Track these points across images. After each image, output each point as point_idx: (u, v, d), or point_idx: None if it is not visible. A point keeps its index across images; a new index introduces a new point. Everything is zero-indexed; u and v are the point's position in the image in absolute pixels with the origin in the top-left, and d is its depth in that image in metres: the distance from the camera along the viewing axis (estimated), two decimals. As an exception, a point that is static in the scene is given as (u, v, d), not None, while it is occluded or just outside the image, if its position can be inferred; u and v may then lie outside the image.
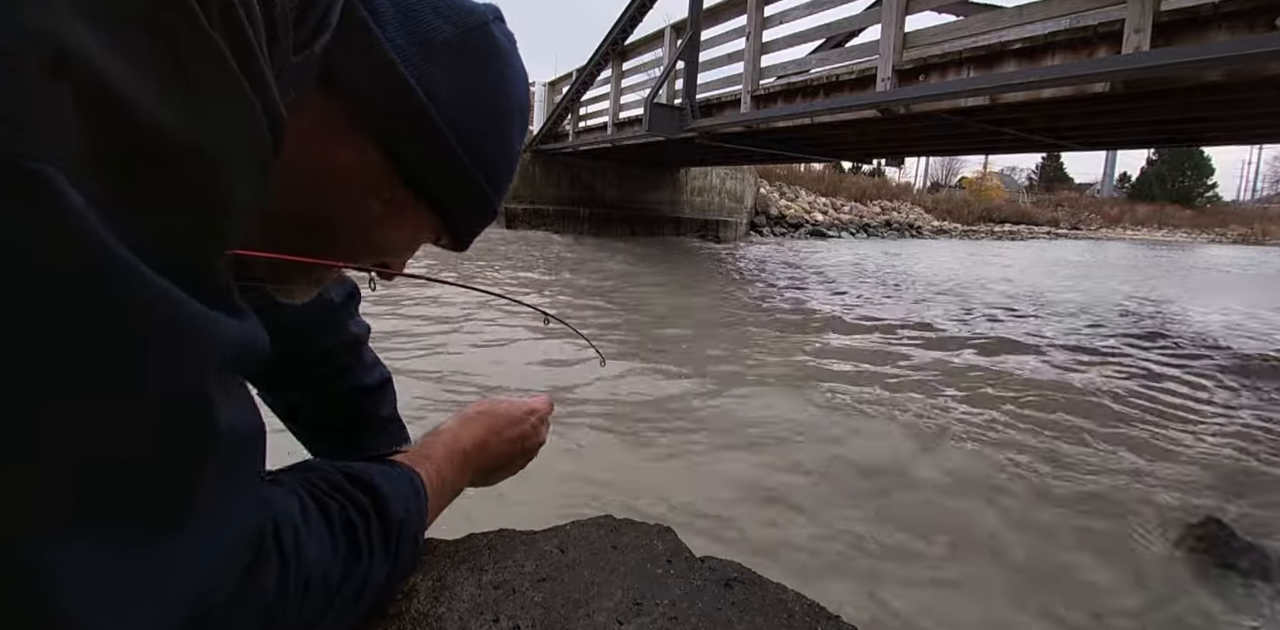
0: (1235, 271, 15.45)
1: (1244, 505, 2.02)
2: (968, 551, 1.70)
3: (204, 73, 0.23)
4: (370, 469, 0.47)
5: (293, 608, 0.35)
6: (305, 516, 0.38)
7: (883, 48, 4.54)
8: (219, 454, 0.27)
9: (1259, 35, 2.89)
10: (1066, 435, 2.61)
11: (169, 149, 0.22)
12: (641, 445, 2.28)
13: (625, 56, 8.71)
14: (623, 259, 8.80)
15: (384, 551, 0.44)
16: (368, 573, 0.42)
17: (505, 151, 0.47)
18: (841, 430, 2.51)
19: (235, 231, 0.27)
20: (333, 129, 0.39)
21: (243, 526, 0.30)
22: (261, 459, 0.33)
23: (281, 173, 0.33)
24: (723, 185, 14.65)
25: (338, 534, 0.40)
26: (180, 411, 0.25)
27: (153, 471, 0.24)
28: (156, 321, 0.23)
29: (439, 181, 0.44)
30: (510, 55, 0.46)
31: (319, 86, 0.37)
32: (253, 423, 0.30)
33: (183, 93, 0.23)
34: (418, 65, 0.40)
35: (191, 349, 0.24)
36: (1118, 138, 6.24)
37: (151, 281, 0.22)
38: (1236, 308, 7.57)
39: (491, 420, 0.61)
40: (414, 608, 0.49)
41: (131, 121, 0.21)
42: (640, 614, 0.50)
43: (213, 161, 0.24)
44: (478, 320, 4.13)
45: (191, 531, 0.26)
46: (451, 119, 0.42)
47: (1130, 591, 1.57)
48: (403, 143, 0.41)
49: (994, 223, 31.78)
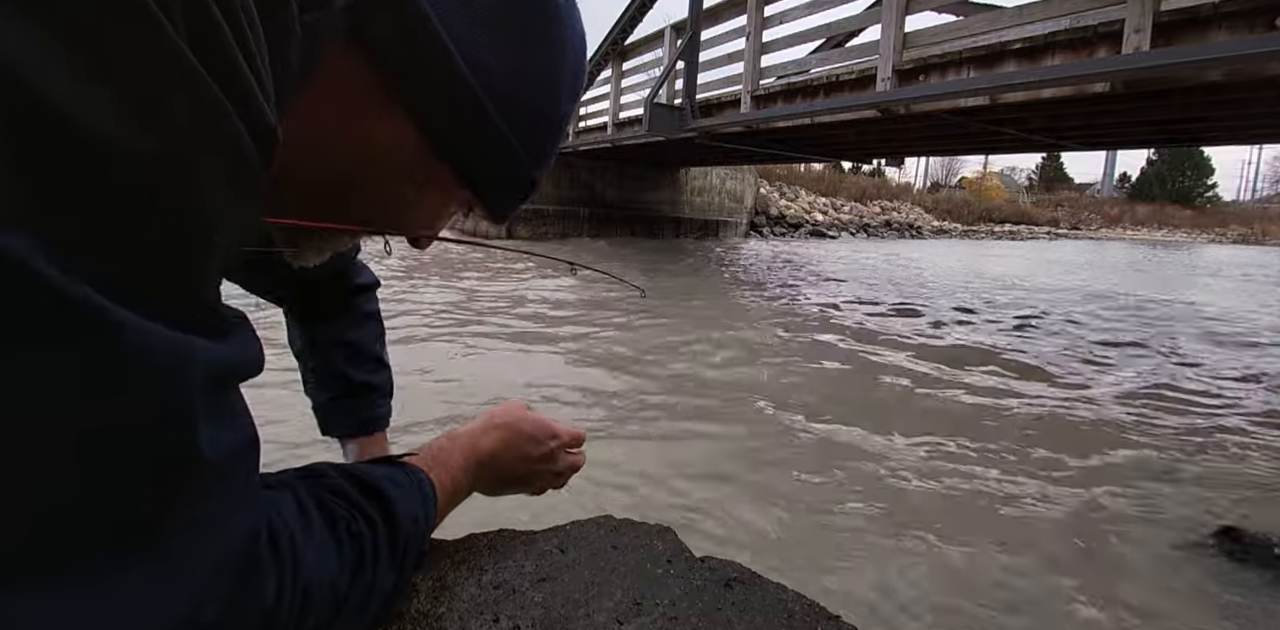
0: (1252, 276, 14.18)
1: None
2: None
3: (163, 84, 0.21)
4: (379, 474, 0.46)
5: (292, 615, 0.34)
6: (307, 523, 0.38)
7: (883, 48, 4.55)
8: (202, 477, 0.26)
9: (1259, 35, 2.89)
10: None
11: (122, 171, 0.20)
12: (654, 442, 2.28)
13: (625, 56, 8.72)
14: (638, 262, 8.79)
15: (391, 560, 0.43)
16: (374, 582, 0.41)
17: (552, 124, 0.42)
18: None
19: (212, 249, 0.24)
20: (362, 96, 0.35)
21: (231, 543, 0.29)
22: (255, 468, 0.31)
23: (306, 143, 0.32)
24: (723, 185, 14.66)
25: (343, 542, 0.39)
26: (158, 443, 0.23)
27: (126, 503, 0.23)
28: (126, 357, 0.21)
29: (475, 157, 0.40)
30: (567, 14, 0.41)
31: (349, 47, 0.33)
32: (245, 436, 0.29)
33: (138, 109, 0.20)
34: (456, 22, 0.35)
35: (166, 379, 0.23)
36: (1118, 138, 6.25)
37: (112, 315, 0.20)
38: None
39: (511, 435, 0.59)
40: (414, 608, 0.49)
41: (76, 143, 0.19)
42: (640, 614, 0.50)
43: (176, 180, 0.22)
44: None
45: (170, 559, 0.25)
46: (493, 87, 0.37)
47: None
48: (436, 111, 0.36)
49: (994, 223, 31.80)
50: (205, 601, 0.27)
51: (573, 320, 4.46)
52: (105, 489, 0.22)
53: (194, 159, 0.22)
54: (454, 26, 0.35)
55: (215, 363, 0.25)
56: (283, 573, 0.34)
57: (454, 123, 0.37)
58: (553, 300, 5.16)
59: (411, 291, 5.11)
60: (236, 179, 0.24)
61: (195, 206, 0.23)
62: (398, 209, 0.41)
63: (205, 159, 0.23)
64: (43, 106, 0.18)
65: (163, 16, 0.20)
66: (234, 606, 0.29)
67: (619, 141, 8.95)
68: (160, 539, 0.25)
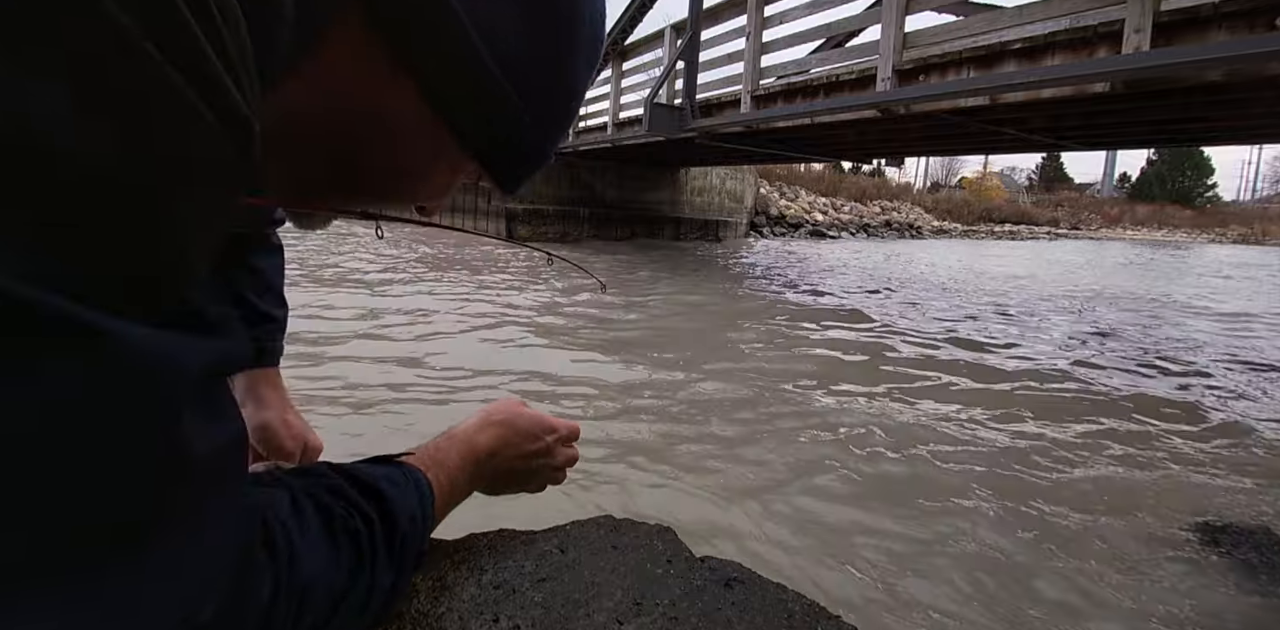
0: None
1: None
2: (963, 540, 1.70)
3: (118, 78, 0.19)
4: (377, 473, 0.46)
5: (289, 614, 0.34)
6: (303, 522, 0.37)
7: (883, 48, 4.55)
8: (192, 475, 0.25)
9: (1259, 35, 2.89)
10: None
11: (83, 178, 0.19)
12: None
13: (625, 56, 8.73)
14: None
15: (389, 559, 0.43)
16: (372, 581, 0.41)
17: (566, 92, 0.40)
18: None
19: (189, 249, 0.23)
20: (366, 62, 0.33)
21: (226, 541, 0.29)
22: (244, 463, 0.31)
23: (311, 109, 0.32)
24: (723, 185, 14.66)
25: (340, 540, 0.39)
26: (146, 442, 0.23)
27: (117, 504, 0.23)
28: (108, 359, 0.21)
29: (481, 126, 0.37)
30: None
31: (350, 11, 0.32)
32: (232, 430, 0.28)
33: (94, 113, 0.19)
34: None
35: (150, 379, 0.22)
36: (1118, 138, 6.24)
37: (86, 318, 0.20)
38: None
39: (508, 433, 0.59)
40: (414, 608, 0.49)
41: (28, 153, 0.18)
42: (640, 614, 0.50)
43: (140, 186, 0.21)
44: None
45: (164, 559, 0.25)
46: (503, 53, 0.35)
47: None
48: (442, 77, 0.35)
49: (994, 223, 31.81)
50: (202, 601, 0.27)
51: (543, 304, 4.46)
52: (94, 491, 0.22)
53: (162, 159, 0.21)
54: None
55: (200, 359, 0.25)
56: (279, 571, 0.33)
57: (460, 90, 0.35)
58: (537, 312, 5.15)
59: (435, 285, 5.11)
60: (209, 177, 0.23)
61: (165, 209, 0.22)
62: (404, 178, 0.40)
63: (174, 159, 0.21)
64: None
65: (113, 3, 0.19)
66: (231, 606, 0.29)
67: (619, 141, 8.95)
68: (154, 539, 0.24)
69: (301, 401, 1.64)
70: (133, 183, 0.20)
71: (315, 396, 2.50)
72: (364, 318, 4.02)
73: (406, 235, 8.94)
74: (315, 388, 2.60)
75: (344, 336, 3.49)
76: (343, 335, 3.52)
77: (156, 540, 0.24)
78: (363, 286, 5.18)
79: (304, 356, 3.01)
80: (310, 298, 4.43)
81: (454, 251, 7.91)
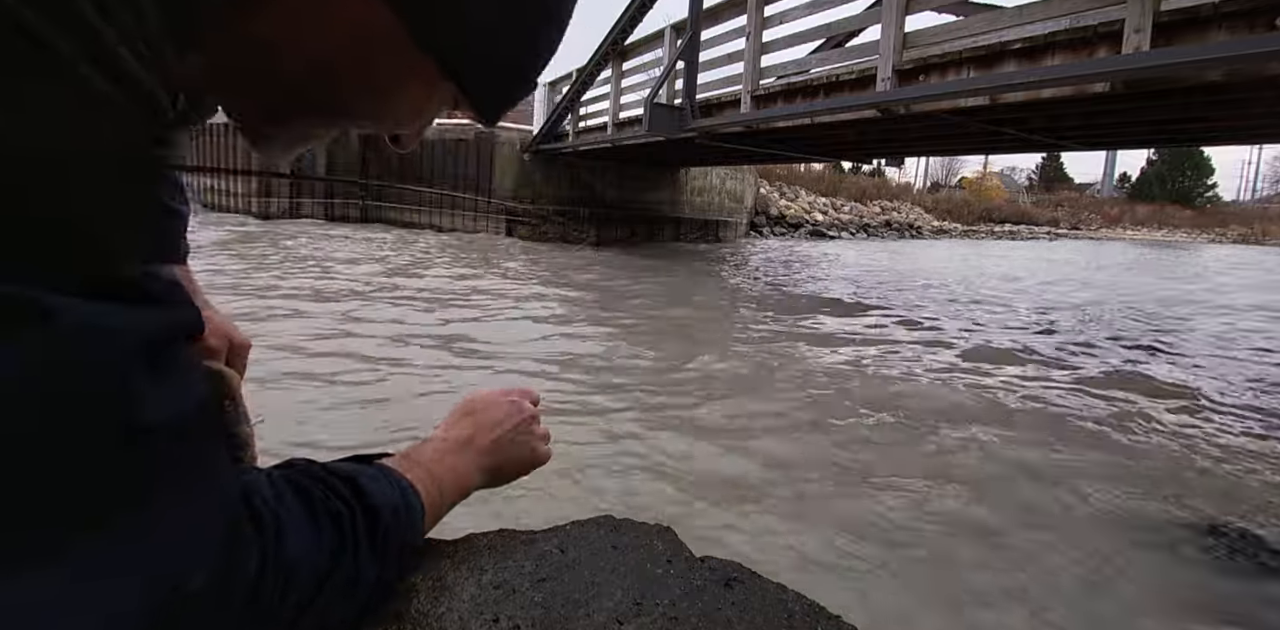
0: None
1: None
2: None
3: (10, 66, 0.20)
4: (353, 468, 0.46)
5: (276, 588, 0.34)
6: (284, 502, 0.38)
7: (883, 48, 4.54)
8: (152, 444, 0.26)
9: (1259, 35, 2.89)
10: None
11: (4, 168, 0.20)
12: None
13: (625, 56, 8.71)
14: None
15: (370, 548, 0.43)
16: (357, 565, 0.41)
17: (549, 12, 0.39)
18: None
19: (114, 219, 0.24)
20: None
21: (208, 510, 0.29)
22: (214, 431, 0.31)
23: (280, 33, 0.32)
24: (723, 185, 14.65)
25: (321, 521, 0.40)
26: (102, 412, 0.23)
27: (90, 477, 0.23)
28: (50, 334, 0.21)
29: (457, 46, 0.36)
30: None
31: None
32: (196, 395, 0.28)
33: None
34: None
35: (96, 349, 0.23)
36: (1118, 138, 6.24)
37: (17, 297, 0.20)
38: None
39: (481, 418, 0.60)
40: (414, 608, 0.49)
41: None
42: (640, 614, 0.50)
43: (43, 160, 0.21)
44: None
45: (148, 526, 0.25)
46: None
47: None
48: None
49: (994, 223, 31.80)
50: (191, 570, 0.27)
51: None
52: (50, 461, 0.22)
53: (61, 133, 0.21)
54: None
55: (144, 328, 0.25)
56: (265, 546, 0.34)
57: (434, 6, 0.34)
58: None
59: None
60: (118, 148, 0.24)
61: (77, 181, 0.22)
62: (377, 100, 0.39)
63: (74, 133, 0.22)
64: None
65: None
66: (220, 578, 0.29)
67: (619, 141, 8.94)
68: (119, 506, 0.25)
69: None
70: (34, 157, 0.21)
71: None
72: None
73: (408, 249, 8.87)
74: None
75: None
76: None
77: (122, 507, 0.25)
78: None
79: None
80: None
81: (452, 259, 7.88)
